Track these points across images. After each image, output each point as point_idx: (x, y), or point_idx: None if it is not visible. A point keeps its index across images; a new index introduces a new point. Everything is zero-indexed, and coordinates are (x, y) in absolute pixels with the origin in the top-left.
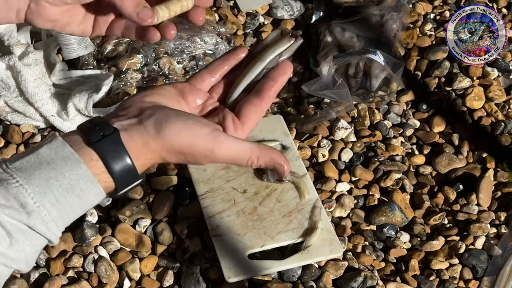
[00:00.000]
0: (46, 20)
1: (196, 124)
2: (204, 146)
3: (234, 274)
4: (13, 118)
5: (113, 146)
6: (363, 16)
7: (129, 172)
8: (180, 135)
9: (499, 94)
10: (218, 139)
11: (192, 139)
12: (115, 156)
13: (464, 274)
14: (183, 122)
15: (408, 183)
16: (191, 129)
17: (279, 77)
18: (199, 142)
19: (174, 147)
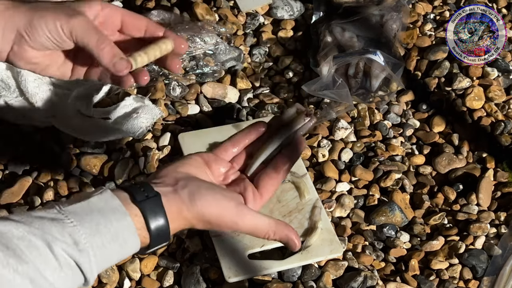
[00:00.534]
0: (27, 62)
1: (224, 198)
2: (230, 218)
3: (234, 274)
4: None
5: (154, 207)
6: (363, 16)
7: (164, 232)
8: (210, 207)
9: (499, 94)
10: (242, 213)
11: (220, 211)
12: (155, 216)
13: (464, 274)
14: (212, 195)
15: (408, 183)
16: (219, 202)
17: (294, 153)
18: (226, 214)
19: (204, 217)
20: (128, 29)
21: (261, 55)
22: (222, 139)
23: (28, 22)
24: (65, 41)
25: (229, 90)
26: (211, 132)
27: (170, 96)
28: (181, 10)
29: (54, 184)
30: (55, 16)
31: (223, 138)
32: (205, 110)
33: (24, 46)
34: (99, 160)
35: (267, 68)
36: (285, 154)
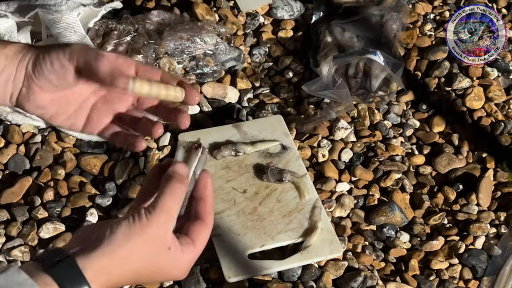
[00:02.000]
0: (35, 106)
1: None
2: (162, 263)
3: (234, 274)
4: (14, 118)
5: (68, 269)
6: (363, 16)
7: None
8: (136, 253)
9: (499, 94)
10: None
11: (149, 256)
12: (69, 279)
13: (464, 274)
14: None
15: (408, 183)
16: (146, 246)
17: (205, 193)
18: (157, 258)
19: (131, 265)
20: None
21: (261, 55)
22: (222, 139)
23: (35, 60)
24: (66, 67)
25: (229, 90)
26: (211, 132)
27: None
28: (181, 10)
29: (54, 184)
30: (59, 47)
31: (223, 138)
32: (205, 110)
33: (32, 86)
34: (99, 160)
35: (267, 68)
36: (198, 198)
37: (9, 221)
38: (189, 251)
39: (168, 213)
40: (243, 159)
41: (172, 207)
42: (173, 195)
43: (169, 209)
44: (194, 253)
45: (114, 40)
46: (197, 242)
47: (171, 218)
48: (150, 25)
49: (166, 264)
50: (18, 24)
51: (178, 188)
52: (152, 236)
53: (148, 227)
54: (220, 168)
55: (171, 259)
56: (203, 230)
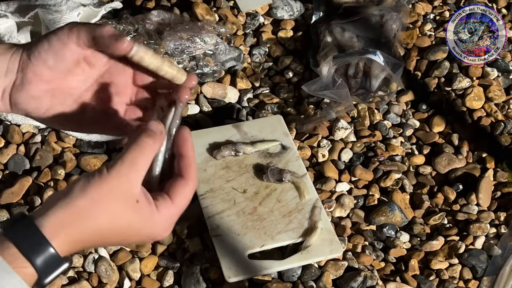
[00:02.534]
0: (29, 96)
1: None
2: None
3: (234, 274)
4: (13, 118)
5: (24, 228)
6: (363, 16)
7: (50, 255)
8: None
9: (498, 94)
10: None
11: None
12: (26, 238)
13: (463, 274)
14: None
15: (408, 183)
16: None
17: (183, 149)
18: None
19: (96, 227)
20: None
21: (261, 55)
22: (222, 139)
23: (31, 46)
24: (65, 43)
25: (229, 90)
26: (211, 132)
27: None
28: (181, 10)
29: (54, 184)
30: (56, 28)
31: (223, 138)
32: (205, 110)
33: (27, 73)
34: (99, 160)
35: (267, 68)
36: (179, 155)
37: None
38: (165, 207)
39: (132, 165)
40: (243, 159)
41: (137, 158)
42: (139, 147)
43: (133, 161)
44: (171, 210)
45: None
46: (176, 198)
47: (136, 170)
48: (150, 25)
49: (136, 220)
50: (18, 24)
51: (146, 142)
52: (113, 188)
53: (108, 179)
54: (220, 168)
55: (141, 215)
56: (183, 185)
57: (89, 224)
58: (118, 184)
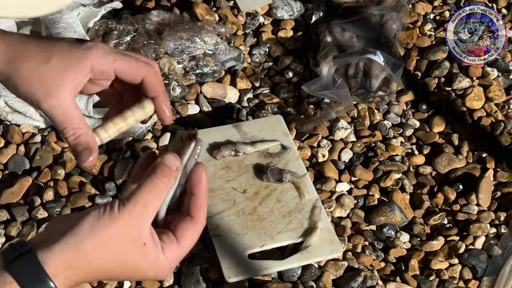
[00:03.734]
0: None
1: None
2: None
3: (234, 274)
4: (13, 118)
5: (27, 264)
6: (363, 16)
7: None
8: (105, 251)
9: (499, 94)
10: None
11: (120, 257)
12: (29, 275)
13: (464, 274)
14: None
15: (408, 183)
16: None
17: (197, 188)
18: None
19: (98, 266)
20: (123, 78)
21: (261, 55)
22: (222, 139)
23: (6, 76)
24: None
25: (229, 90)
26: (211, 132)
27: (170, 96)
28: (181, 10)
29: (54, 184)
30: (30, 86)
31: (223, 138)
32: (205, 110)
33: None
34: (99, 160)
35: (267, 68)
36: (192, 193)
37: (9, 221)
38: (171, 250)
39: (144, 206)
40: (243, 159)
41: (150, 200)
42: (153, 187)
43: (146, 202)
44: (177, 252)
45: (114, 40)
46: (182, 240)
47: (147, 212)
48: (150, 25)
49: (141, 262)
50: (18, 24)
51: (161, 181)
52: (122, 229)
53: (118, 220)
54: (220, 168)
55: (146, 257)
56: (191, 228)
57: (95, 266)
58: (127, 226)
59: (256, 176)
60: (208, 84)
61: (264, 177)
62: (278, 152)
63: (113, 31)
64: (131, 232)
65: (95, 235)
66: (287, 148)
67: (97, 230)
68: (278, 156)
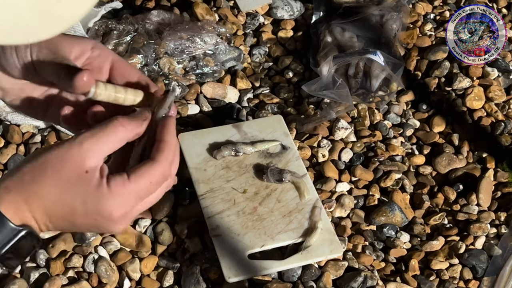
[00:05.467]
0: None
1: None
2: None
3: (234, 274)
4: (13, 118)
5: None
6: (363, 16)
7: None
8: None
9: (499, 94)
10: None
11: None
12: None
13: (464, 274)
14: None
15: (408, 183)
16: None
17: (162, 135)
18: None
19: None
20: (115, 79)
21: (261, 55)
22: (222, 139)
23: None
24: (30, 69)
25: (229, 90)
26: (211, 132)
27: None
28: (181, 10)
29: None
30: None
31: (223, 138)
32: (205, 110)
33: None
34: None
35: (267, 68)
36: (156, 140)
37: None
38: (117, 182)
39: (92, 136)
40: (243, 159)
41: (100, 132)
42: (107, 125)
43: (95, 134)
44: (125, 186)
45: (114, 40)
46: (133, 176)
47: (94, 143)
48: (150, 25)
49: (82, 191)
50: None
51: (119, 122)
52: (63, 153)
53: (60, 144)
54: (220, 168)
55: (86, 186)
56: (147, 165)
57: (31, 187)
58: (68, 151)
59: (256, 176)
60: (208, 84)
61: (264, 177)
62: (278, 152)
63: (113, 31)
64: (71, 157)
65: (34, 159)
66: (287, 148)
67: (36, 156)
68: (278, 156)
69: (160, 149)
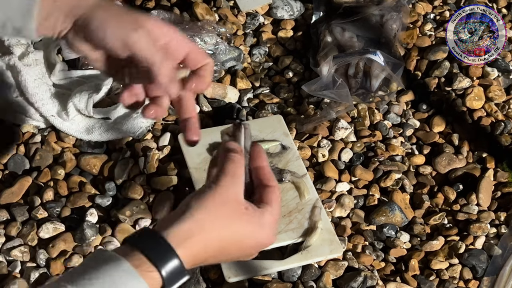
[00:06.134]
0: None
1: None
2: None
3: (234, 274)
4: (13, 118)
5: (151, 239)
6: (363, 16)
7: (173, 262)
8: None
9: (499, 94)
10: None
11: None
12: (155, 247)
13: (464, 274)
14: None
15: (408, 183)
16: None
17: (260, 161)
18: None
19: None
20: (189, 65)
21: (261, 55)
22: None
23: (89, 20)
24: (122, 52)
25: (229, 90)
26: (211, 132)
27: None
28: (181, 10)
29: (54, 184)
30: (118, 24)
31: None
32: (205, 110)
33: (79, 37)
34: (99, 160)
35: (267, 68)
36: (258, 167)
37: (8, 221)
38: (268, 212)
39: (233, 176)
40: None
41: (235, 170)
42: (233, 161)
43: (234, 173)
44: (272, 214)
45: None
46: (272, 204)
47: (238, 181)
48: None
49: (250, 226)
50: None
51: (236, 156)
52: (225, 197)
53: (219, 190)
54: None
55: (253, 221)
56: (274, 192)
57: (211, 234)
58: (228, 195)
59: None
60: None
61: None
62: (278, 152)
63: None
64: (232, 199)
65: (205, 207)
66: (287, 148)
67: (205, 203)
68: (278, 156)
69: (268, 174)
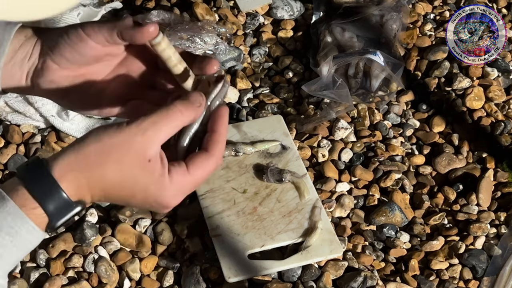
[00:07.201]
0: (49, 81)
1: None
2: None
3: (234, 274)
4: (13, 118)
5: (34, 168)
6: (363, 16)
7: (57, 197)
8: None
9: (499, 94)
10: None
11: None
12: (35, 176)
13: (464, 274)
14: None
15: (408, 183)
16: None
17: (217, 126)
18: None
19: (103, 179)
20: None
21: (261, 55)
22: None
23: (52, 35)
24: (84, 40)
25: (229, 90)
26: None
27: None
28: (181, 10)
29: None
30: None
31: None
32: None
33: (47, 61)
34: None
35: (267, 68)
36: (212, 130)
37: None
38: (178, 173)
39: (153, 124)
40: (243, 159)
41: (160, 120)
42: (167, 111)
43: (155, 121)
44: (184, 177)
45: None
46: (192, 168)
47: (155, 130)
48: None
49: (143, 178)
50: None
51: (177, 109)
52: (127, 140)
53: (124, 130)
54: (220, 168)
55: (149, 174)
56: (204, 158)
57: (95, 170)
58: (132, 138)
59: (256, 176)
60: None
61: (264, 177)
62: (278, 152)
63: None
64: (135, 144)
65: (99, 141)
66: (287, 148)
67: (101, 138)
68: (278, 156)
69: (215, 141)
